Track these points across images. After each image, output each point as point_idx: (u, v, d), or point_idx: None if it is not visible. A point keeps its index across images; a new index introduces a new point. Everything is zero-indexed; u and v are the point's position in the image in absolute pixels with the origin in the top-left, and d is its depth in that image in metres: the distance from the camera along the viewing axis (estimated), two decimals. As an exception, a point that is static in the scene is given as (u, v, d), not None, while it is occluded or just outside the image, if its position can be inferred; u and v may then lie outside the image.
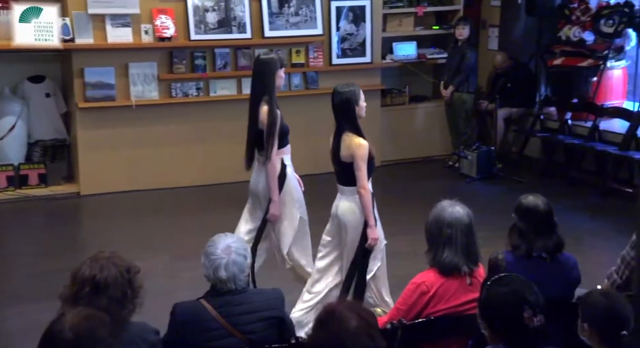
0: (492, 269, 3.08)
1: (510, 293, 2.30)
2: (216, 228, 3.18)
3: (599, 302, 2.42)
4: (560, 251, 3.13)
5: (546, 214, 3.14)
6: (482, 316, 2.37)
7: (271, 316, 2.76)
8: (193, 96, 6.63)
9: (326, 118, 7.01)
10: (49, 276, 4.58)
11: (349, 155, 3.71)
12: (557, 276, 3.05)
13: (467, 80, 7.01)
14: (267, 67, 4.01)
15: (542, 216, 3.13)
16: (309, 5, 6.84)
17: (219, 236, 2.78)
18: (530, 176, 6.77)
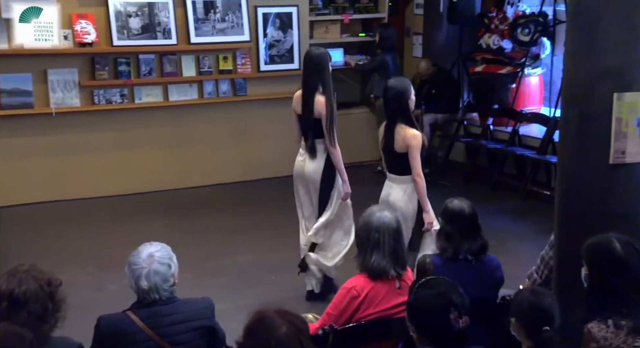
0: (420, 272, 3.14)
1: (437, 295, 2.35)
2: (142, 237, 3.10)
3: (526, 299, 2.52)
4: (484, 253, 3.22)
5: (471, 217, 3.22)
6: (410, 319, 2.41)
7: (202, 326, 2.72)
8: (117, 103, 6.46)
9: (255, 124, 7.09)
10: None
11: (404, 146, 3.93)
12: (482, 278, 3.14)
13: None
14: (323, 60, 4.28)
15: (468, 219, 3.21)
16: (236, 12, 6.80)
17: (143, 246, 2.73)
18: (456, 180, 6.95)
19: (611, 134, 2.86)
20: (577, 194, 3.01)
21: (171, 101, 6.68)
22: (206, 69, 6.77)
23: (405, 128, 3.94)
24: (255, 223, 5.94)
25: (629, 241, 2.52)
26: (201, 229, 5.78)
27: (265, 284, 4.73)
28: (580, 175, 2.98)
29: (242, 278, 4.83)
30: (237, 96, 6.97)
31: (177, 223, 5.90)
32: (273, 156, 7.16)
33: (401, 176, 4.01)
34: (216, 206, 6.36)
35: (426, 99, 7.20)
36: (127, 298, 2.79)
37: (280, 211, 6.21)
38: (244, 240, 5.55)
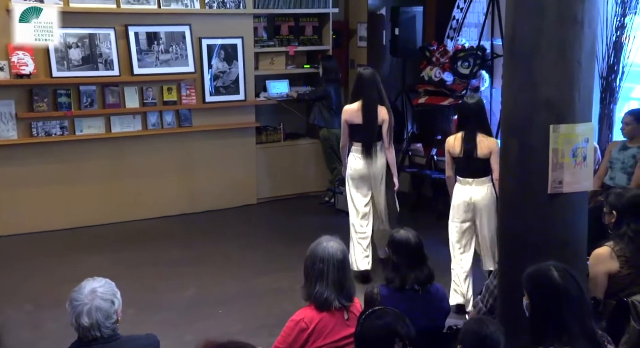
0: (368, 303, 3.14)
1: (383, 326, 2.35)
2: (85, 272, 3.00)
3: (470, 328, 2.54)
4: (431, 283, 3.25)
5: (417, 247, 3.26)
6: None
7: (144, 366, 2.63)
8: (57, 135, 6.30)
9: (200, 156, 7.02)
10: None
11: (488, 152, 4.57)
12: (428, 307, 3.16)
13: (333, 116, 7.13)
14: (376, 77, 5.25)
15: (414, 249, 3.24)
16: (180, 43, 6.78)
17: (86, 281, 2.65)
18: (402, 210, 7.01)
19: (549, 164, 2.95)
20: (518, 223, 3.08)
21: (114, 132, 6.56)
22: (150, 101, 6.70)
23: (486, 137, 4.61)
24: (199, 255, 5.85)
25: (567, 269, 2.58)
26: (145, 263, 5.65)
27: (212, 318, 4.64)
28: (521, 204, 3.06)
29: (188, 313, 4.72)
30: (182, 127, 6.91)
31: (121, 257, 5.75)
32: (218, 187, 7.11)
33: (483, 178, 4.66)
34: (160, 239, 6.24)
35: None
36: (67, 336, 2.69)
37: (225, 244, 6.15)
38: (189, 273, 5.45)
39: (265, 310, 4.73)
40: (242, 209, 7.17)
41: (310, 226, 6.43)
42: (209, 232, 6.48)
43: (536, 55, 2.96)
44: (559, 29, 2.93)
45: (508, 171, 3.13)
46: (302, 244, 3.38)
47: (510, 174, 3.10)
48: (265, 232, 6.62)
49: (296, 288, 3.21)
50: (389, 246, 3.31)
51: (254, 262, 5.73)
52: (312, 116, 7.34)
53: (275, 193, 7.48)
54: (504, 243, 3.16)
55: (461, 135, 4.63)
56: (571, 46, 2.94)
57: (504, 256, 3.16)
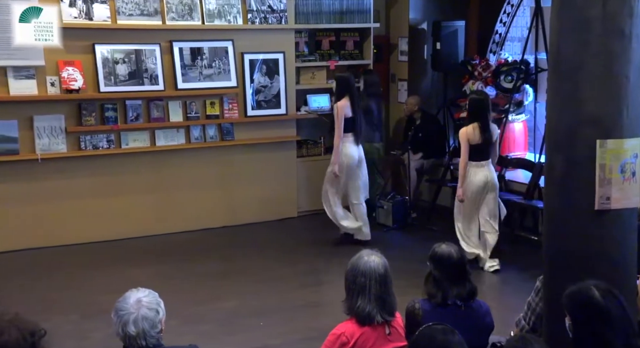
0: (409, 318, 3.12)
1: (439, 341, 2.33)
2: (128, 283, 3.06)
3: (513, 346, 2.48)
4: (473, 299, 3.21)
5: (459, 262, 3.22)
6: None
7: (188, 375, 2.66)
8: (103, 149, 6.45)
9: (242, 169, 7.09)
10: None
11: (495, 138, 5.70)
12: (471, 324, 3.12)
13: (374, 130, 7.17)
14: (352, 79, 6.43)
15: (456, 264, 3.21)
16: (222, 58, 6.89)
17: (130, 291, 2.69)
18: (443, 225, 6.96)
19: (595, 180, 2.90)
20: (563, 240, 3.02)
21: (158, 146, 6.69)
22: (193, 114, 6.82)
23: (494, 125, 5.74)
24: (240, 268, 5.89)
25: (609, 289, 2.52)
26: (187, 275, 5.72)
27: (253, 330, 4.67)
28: (566, 221, 3.00)
29: (229, 324, 4.76)
30: (224, 140, 7.00)
31: (163, 268, 5.83)
32: (259, 200, 7.16)
33: (489, 160, 5.69)
34: (202, 251, 6.31)
35: (413, 143, 7.27)
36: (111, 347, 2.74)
37: (266, 256, 6.19)
38: (230, 285, 5.49)
39: (305, 324, 4.74)
40: (283, 222, 7.21)
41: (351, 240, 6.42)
42: (250, 245, 6.53)
43: (582, 69, 2.92)
44: (605, 42, 2.88)
45: (553, 187, 3.08)
46: (343, 258, 3.38)
47: (556, 190, 3.05)
48: (305, 245, 6.64)
49: (336, 302, 3.20)
50: (429, 261, 3.28)
51: (294, 275, 5.75)
52: None
53: (315, 206, 7.48)
54: (549, 260, 3.10)
55: (478, 125, 5.53)
56: (618, 60, 2.89)
57: (549, 275, 3.10)
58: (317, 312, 4.91)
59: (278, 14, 7.09)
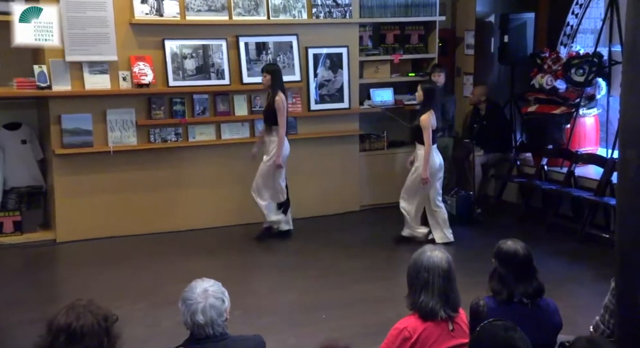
0: (474, 315, 3.07)
1: (503, 337, 2.29)
2: (194, 274, 3.14)
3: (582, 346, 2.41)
4: (540, 297, 3.13)
5: (525, 259, 3.15)
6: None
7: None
8: (172, 142, 6.62)
9: (304, 163, 7.14)
10: (23, 327, 4.46)
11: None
12: (538, 322, 3.05)
13: (450, 125, 7.12)
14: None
15: (522, 261, 3.14)
16: (287, 53, 6.95)
17: (196, 282, 2.75)
18: (509, 221, 6.83)
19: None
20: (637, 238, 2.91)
21: (223, 139, 6.82)
22: (258, 108, 6.91)
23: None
24: (303, 261, 5.94)
25: None
26: (250, 267, 5.81)
27: (315, 323, 4.70)
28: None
29: (291, 317, 4.81)
30: (288, 134, 7.04)
31: (226, 260, 5.95)
32: (321, 194, 7.20)
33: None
34: (264, 244, 6.39)
35: (478, 135, 7.15)
36: (179, 335, 2.81)
37: (328, 250, 6.22)
38: (293, 278, 5.55)
39: (367, 318, 4.74)
40: (345, 216, 7.23)
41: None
42: (312, 238, 6.57)
43: (659, 61, 2.79)
44: (685, 32, 2.75)
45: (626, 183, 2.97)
46: (405, 252, 3.38)
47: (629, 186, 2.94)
48: (367, 239, 6.63)
49: (399, 296, 3.19)
50: (495, 257, 3.23)
51: (356, 269, 5.75)
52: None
53: (378, 200, 7.48)
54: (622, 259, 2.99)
55: (432, 112, 6.01)
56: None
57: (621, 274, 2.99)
58: (379, 307, 4.90)
59: (342, 8, 7.09)
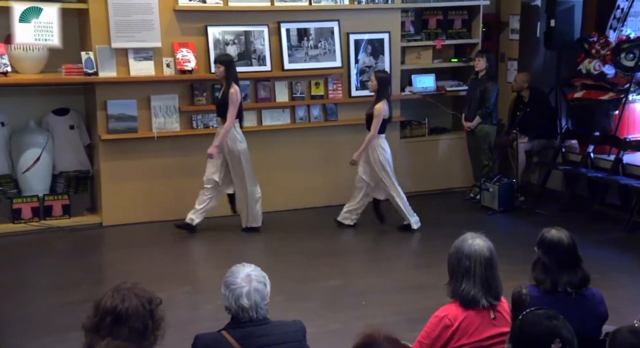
0: (516, 304, 3.04)
1: (547, 325, 2.27)
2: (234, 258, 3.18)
3: (627, 340, 2.36)
4: (585, 286, 3.08)
5: (570, 248, 3.10)
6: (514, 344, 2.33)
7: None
8: (213, 128, 6.68)
9: (345, 149, 7.13)
10: (71, 307, 4.59)
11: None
12: (583, 312, 3.00)
13: (490, 112, 7.02)
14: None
15: (566, 250, 3.09)
16: (328, 39, 6.93)
17: (237, 267, 2.78)
18: (553, 209, 6.71)
19: None
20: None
21: (264, 125, 6.86)
22: (298, 95, 6.92)
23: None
24: (343, 247, 5.96)
25: None
26: (291, 252, 5.85)
27: (356, 309, 4.71)
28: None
29: (331, 303, 4.83)
30: (328, 121, 7.06)
31: (267, 245, 6.00)
32: (363, 181, 7.17)
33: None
34: (305, 230, 6.42)
35: (522, 122, 7.02)
36: (221, 319, 2.86)
37: (368, 237, 6.21)
38: (333, 264, 5.57)
39: (407, 305, 4.73)
40: (385, 202, 7.19)
41: (454, 222, 6.33)
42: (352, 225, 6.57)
43: None
44: None
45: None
46: (446, 240, 3.34)
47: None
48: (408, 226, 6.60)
49: (439, 284, 3.17)
50: (538, 246, 3.18)
51: (396, 256, 5.75)
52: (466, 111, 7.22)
53: (418, 187, 7.43)
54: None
55: (386, 101, 6.03)
56: None
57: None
58: (420, 294, 4.89)
59: (384, -7, 7.03)
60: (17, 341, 4.28)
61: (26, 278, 5.36)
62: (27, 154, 6.37)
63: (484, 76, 6.99)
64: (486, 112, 6.98)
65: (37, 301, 4.88)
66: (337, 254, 5.79)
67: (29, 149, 6.38)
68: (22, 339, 4.32)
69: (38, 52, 6.19)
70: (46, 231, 6.21)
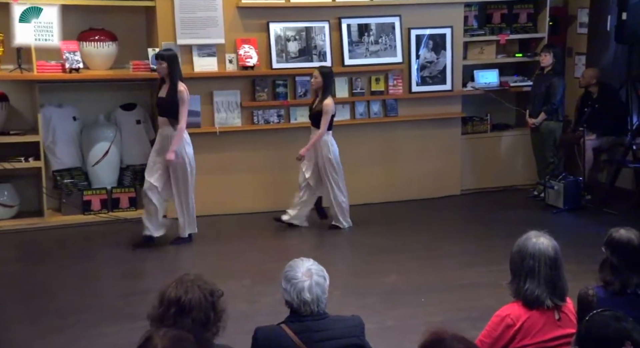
0: (582, 305, 2.96)
1: (616, 327, 2.20)
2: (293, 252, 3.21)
3: None
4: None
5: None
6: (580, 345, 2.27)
7: (350, 343, 2.74)
8: (274, 123, 6.75)
9: (404, 145, 7.10)
10: (137, 297, 4.73)
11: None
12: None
13: (556, 108, 6.84)
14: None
15: (636, 250, 2.98)
16: (389, 34, 6.88)
17: (295, 261, 2.80)
18: (622, 208, 6.48)
19: None
20: None
21: (324, 121, 6.86)
22: (358, 90, 6.91)
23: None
24: (401, 244, 5.92)
25: None
26: (346, 247, 5.86)
27: (414, 306, 4.68)
28: None
29: (389, 299, 4.81)
30: (388, 116, 7.02)
31: (325, 240, 6.02)
32: (421, 177, 7.12)
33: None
34: (363, 225, 6.40)
35: (589, 119, 6.81)
36: (280, 312, 2.89)
37: (427, 234, 6.15)
38: (390, 261, 5.54)
39: (467, 303, 4.66)
40: (445, 200, 7.12)
41: (516, 221, 6.21)
42: (410, 221, 6.53)
43: None
44: None
45: None
46: (508, 239, 3.27)
47: None
48: (467, 224, 6.51)
49: (499, 283, 3.11)
50: (606, 246, 3.07)
51: (455, 254, 5.67)
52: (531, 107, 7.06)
53: (479, 184, 7.32)
54: None
55: (331, 98, 5.99)
56: None
57: None
58: (479, 292, 4.81)
59: (447, -12, 6.93)
60: (86, 328, 4.44)
61: (95, 268, 5.55)
62: (97, 148, 6.60)
63: (550, 71, 6.81)
64: (552, 108, 6.81)
65: (105, 290, 5.06)
66: (393, 251, 5.76)
67: (98, 143, 6.61)
68: (91, 326, 4.48)
69: (108, 48, 6.40)
70: (114, 222, 6.42)
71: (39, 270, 5.41)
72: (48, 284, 5.09)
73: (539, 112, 6.88)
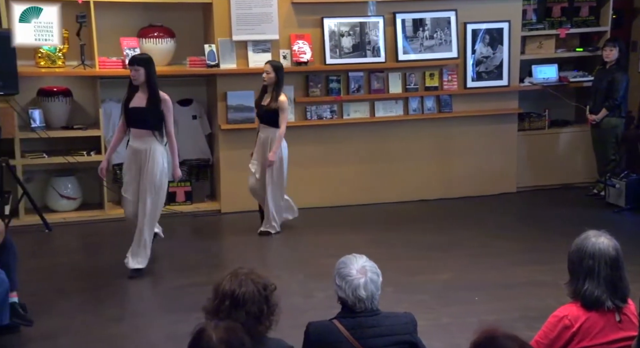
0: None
1: None
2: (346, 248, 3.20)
3: None
4: None
5: None
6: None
7: (402, 340, 2.72)
8: (327, 119, 6.77)
9: (459, 142, 7.01)
10: (192, 289, 4.83)
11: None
12: None
13: (619, 104, 6.62)
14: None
15: None
16: (444, 29, 6.80)
17: (348, 258, 2.79)
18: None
19: None
20: None
21: (377, 117, 6.85)
22: (412, 86, 6.85)
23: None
24: (456, 241, 5.85)
25: None
26: (402, 244, 5.82)
27: (468, 304, 4.62)
28: None
29: (443, 296, 4.76)
30: (442, 112, 6.94)
31: (379, 236, 6.00)
32: (476, 174, 7.01)
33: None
34: (416, 222, 6.37)
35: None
36: (332, 307, 2.89)
37: (482, 231, 6.06)
38: (444, 258, 5.48)
39: (523, 302, 4.58)
40: (500, 197, 7.00)
41: (575, 219, 6.05)
42: (465, 218, 6.45)
43: None
44: None
45: None
46: (565, 237, 3.20)
47: None
48: (524, 222, 6.38)
49: (557, 283, 3.05)
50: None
51: (511, 252, 5.57)
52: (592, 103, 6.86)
53: (536, 182, 7.17)
54: None
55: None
56: None
57: None
58: (536, 291, 4.72)
59: (505, -19, 6.80)
60: (143, 319, 4.57)
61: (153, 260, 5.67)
62: (154, 143, 6.74)
63: (613, 66, 6.60)
64: (614, 104, 6.59)
65: (161, 282, 5.17)
66: (447, 248, 5.70)
67: (156, 138, 6.74)
68: (148, 317, 4.60)
69: (166, 45, 6.53)
70: (171, 216, 6.56)
71: (99, 261, 5.58)
72: (107, 274, 5.24)
73: (600, 108, 6.67)
